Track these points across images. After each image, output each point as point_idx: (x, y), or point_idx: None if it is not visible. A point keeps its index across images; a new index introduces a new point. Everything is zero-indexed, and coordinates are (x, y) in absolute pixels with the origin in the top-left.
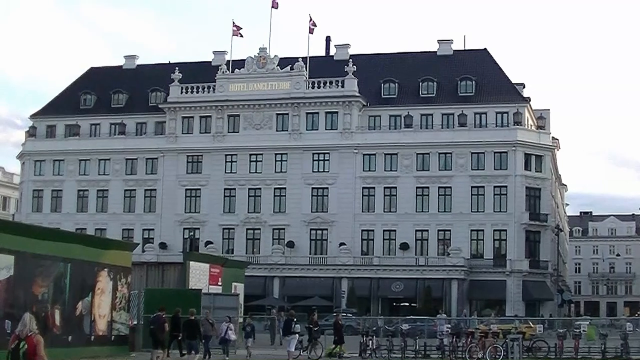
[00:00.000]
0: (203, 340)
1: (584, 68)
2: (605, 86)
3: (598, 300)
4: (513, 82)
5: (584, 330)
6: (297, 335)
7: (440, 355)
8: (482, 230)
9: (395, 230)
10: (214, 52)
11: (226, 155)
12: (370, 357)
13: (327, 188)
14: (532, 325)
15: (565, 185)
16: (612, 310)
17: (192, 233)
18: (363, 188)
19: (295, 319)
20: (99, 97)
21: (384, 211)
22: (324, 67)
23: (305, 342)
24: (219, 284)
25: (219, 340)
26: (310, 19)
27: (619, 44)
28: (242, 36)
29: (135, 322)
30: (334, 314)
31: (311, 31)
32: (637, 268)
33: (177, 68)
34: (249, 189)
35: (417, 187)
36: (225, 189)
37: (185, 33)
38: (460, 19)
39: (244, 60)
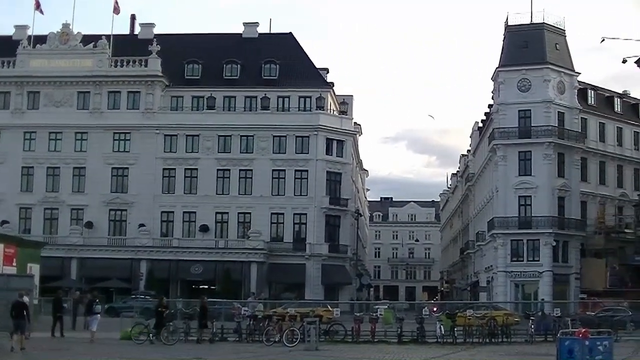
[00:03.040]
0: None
1: (385, 57)
2: (405, 75)
3: (397, 285)
4: (317, 67)
5: (380, 314)
6: (98, 315)
7: (238, 338)
8: (283, 213)
9: (195, 212)
10: (15, 26)
11: (25, 132)
12: (167, 339)
13: (127, 168)
14: (330, 309)
15: (367, 170)
16: (411, 294)
17: None
18: (164, 169)
19: (97, 300)
20: None
21: (184, 193)
22: (128, 45)
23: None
24: (14, 264)
25: None
26: None
27: (421, 35)
28: (42, 12)
29: None
30: (157, 298)
31: (115, 10)
32: (436, 254)
33: None
34: (48, 167)
35: (218, 170)
36: (23, 167)
37: None
38: (267, 2)
39: (46, 35)
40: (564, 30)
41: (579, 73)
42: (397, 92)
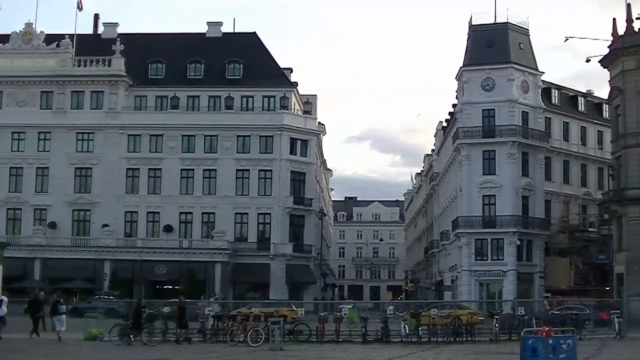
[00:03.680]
0: None
1: (349, 56)
2: (369, 74)
3: (362, 284)
4: (281, 66)
5: (345, 314)
6: (63, 315)
7: (202, 339)
8: (247, 213)
9: (159, 213)
10: None
11: None
12: (130, 339)
13: (91, 168)
14: (294, 309)
15: (331, 170)
16: (375, 294)
17: None
18: (127, 169)
19: (61, 300)
20: None
21: (148, 193)
22: (92, 45)
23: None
24: None
25: None
26: None
27: (385, 34)
28: None
29: None
30: (137, 299)
31: (79, 6)
32: (400, 253)
33: None
34: (11, 167)
35: (182, 169)
36: None
37: None
38: (230, 2)
39: (9, 35)
40: (528, 30)
41: (543, 72)
42: (362, 91)
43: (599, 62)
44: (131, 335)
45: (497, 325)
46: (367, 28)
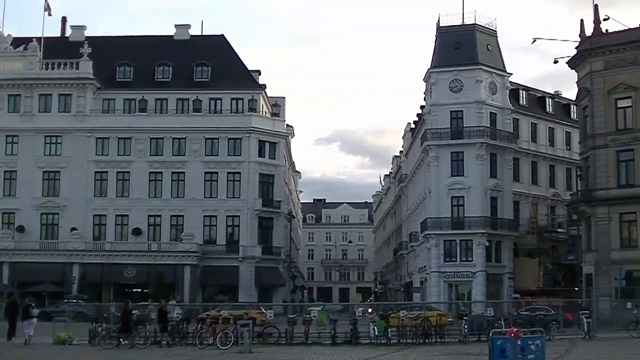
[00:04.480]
0: None
1: (317, 59)
2: (338, 76)
3: (331, 286)
4: (249, 68)
5: (314, 316)
6: (35, 319)
7: (171, 342)
8: (215, 216)
9: (127, 216)
10: None
11: None
12: (100, 344)
13: (59, 172)
14: (263, 311)
15: (299, 172)
16: (344, 295)
17: None
18: (95, 172)
19: (33, 304)
20: None
21: (117, 196)
22: (59, 48)
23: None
24: None
25: None
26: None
27: (354, 35)
28: None
29: None
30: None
31: (47, 10)
32: (369, 255)
33: None
34: None
35: (150, 172)
36: None
37: None
38: (198, 4)
39: None
40: (496, 31)
41: (511, 74)
42: (330, 93)
43: (567, 63)
44: (120, 339)
45: (466, 326)
46: (335, 30)
